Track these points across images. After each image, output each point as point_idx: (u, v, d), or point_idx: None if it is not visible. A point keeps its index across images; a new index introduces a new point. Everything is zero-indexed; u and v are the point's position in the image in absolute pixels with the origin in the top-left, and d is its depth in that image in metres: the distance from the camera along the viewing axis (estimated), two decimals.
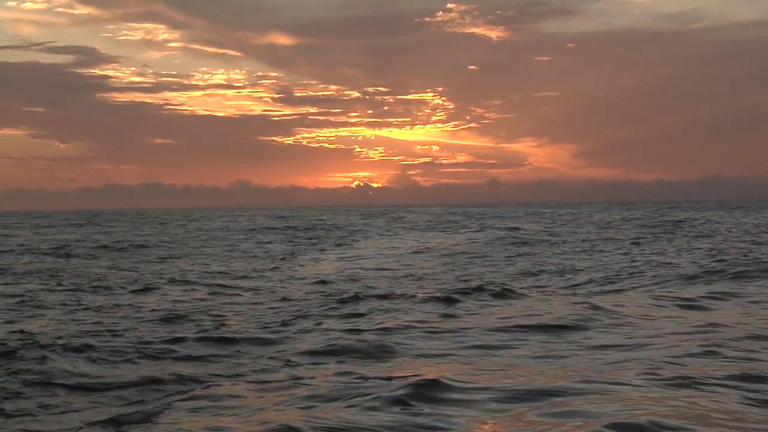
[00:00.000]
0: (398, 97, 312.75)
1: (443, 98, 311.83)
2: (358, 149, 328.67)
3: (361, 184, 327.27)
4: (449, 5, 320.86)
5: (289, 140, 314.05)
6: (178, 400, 10.59)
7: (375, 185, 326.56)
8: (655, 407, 8.83)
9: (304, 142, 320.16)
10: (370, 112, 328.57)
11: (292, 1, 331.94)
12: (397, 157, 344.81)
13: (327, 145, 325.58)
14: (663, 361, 11.57)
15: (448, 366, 11.90)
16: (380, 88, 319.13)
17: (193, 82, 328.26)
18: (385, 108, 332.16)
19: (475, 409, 9.26)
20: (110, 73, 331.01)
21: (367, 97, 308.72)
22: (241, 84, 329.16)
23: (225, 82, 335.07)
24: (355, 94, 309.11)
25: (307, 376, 11.55)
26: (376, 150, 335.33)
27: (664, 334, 14.34)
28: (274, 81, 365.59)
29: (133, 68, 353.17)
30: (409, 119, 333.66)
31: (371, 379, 10.92)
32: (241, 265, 34.63)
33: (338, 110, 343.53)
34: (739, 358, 11.91)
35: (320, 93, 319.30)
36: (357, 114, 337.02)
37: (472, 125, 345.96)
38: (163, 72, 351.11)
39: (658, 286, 22.79)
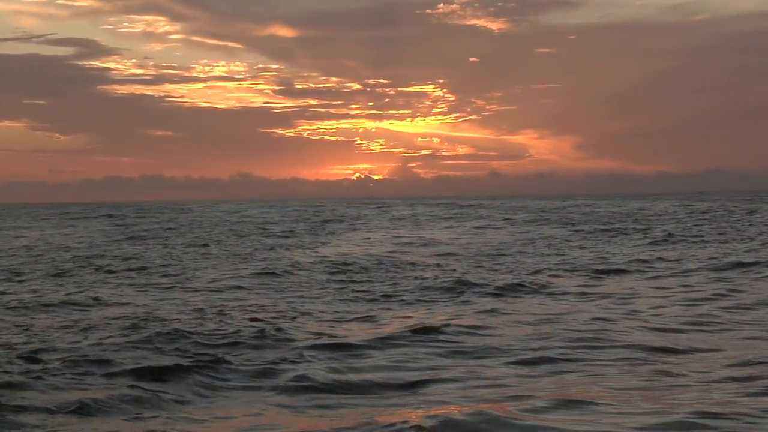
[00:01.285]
0: (399, 89, 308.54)
1: (444, 90, 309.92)
2: (358, 141, 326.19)
3: (362, 176, 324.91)
4: None
5: (290, 132, 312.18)
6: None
7: (376, 177, 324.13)
8: None
9: (305, 135, 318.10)
10: (371, 104, 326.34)
11: None
12: (397, 150, 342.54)
13: (328, 138, 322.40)
14: None
15: None
16: (381, 80, 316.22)
17: (194, 75, 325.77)
18: (386, 100, 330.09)
19: None
20: (111, 65, 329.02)
21: (368, 89, 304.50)
22: (242, 76, 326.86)
23: (226, 74, 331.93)
24: (356, 86, 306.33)
25: None
26: (376, 142, 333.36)
27: None
28: (275, 73, 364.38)
29: (133, 60, 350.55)
30: (410, 111, 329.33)
31: None
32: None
33: (339, 102, 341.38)
34: None
35: (321, 85, 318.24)
36: (358, 106, 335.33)
37: (472, 117, 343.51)
38: (164, 64, 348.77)
39: None
